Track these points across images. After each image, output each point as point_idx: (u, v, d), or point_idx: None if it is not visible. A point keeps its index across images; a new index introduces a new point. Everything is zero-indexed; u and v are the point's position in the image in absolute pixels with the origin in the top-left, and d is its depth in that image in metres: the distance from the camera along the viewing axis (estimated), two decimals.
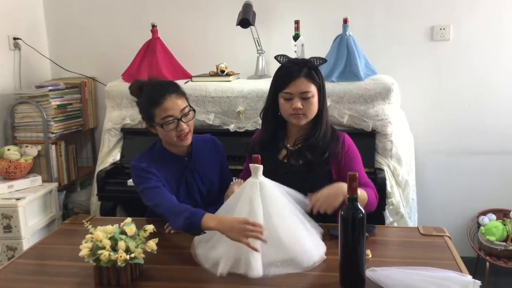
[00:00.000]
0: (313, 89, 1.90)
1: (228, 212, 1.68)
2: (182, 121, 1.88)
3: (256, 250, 1.54)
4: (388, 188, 2.61)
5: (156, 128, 1.92)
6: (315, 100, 1.91)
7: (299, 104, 1.87)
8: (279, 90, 1.92)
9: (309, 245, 1.63)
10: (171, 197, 1.86)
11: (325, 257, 1.63)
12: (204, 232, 1.70)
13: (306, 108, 1.89)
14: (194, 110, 1.95)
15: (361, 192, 1.76)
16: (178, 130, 1.88)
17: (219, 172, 2.11)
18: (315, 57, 1.98)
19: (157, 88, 1.91)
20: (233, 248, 1.57)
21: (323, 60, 1.97)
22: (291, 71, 1.90)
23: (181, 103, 1.90)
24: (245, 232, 1.54)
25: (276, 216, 1.62)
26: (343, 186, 1.69)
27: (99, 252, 1.45)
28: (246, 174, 1.94)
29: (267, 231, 1.58)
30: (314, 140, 1.92)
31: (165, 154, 1.99)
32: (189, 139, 1.94)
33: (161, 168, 1.93)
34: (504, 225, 3.01)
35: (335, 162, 1.94)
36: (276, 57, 2.02)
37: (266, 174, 1.68)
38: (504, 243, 2.95)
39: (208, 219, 1.65)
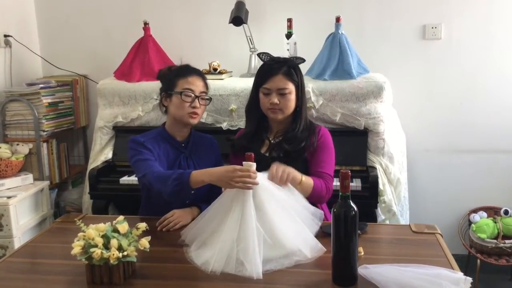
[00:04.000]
0: (290, 86, 2.02)
1: (221, 208, 1.68)
2: (198, 100, 2.04)
3: (250, 188, 1.62)
4: (380, 186, 2.62)
5: (171, 99, 2.05)
6: (292, 97, 2.03)
7: (275, 100, 2.00)
8: (260, 86, 2.05)
9: (304, 241, 1.64)
10: (160, 168, 1.94)
11: (323, 251, 1.63)
12: (193, 191, 1.80)
13: (282, 104, 2.01)
14: (210, 99, 2.13)
15: (306, 179, 1.91)
16: (192, 105, 2.03)
17: None
18: (295, 57, 2.13)
19: (189, 67, 2.13)
20: (227, 247, 1.57)
21: (302, 60, 2.12)
22: (271, 68, 2.04)
23: (203, 86, 2.09)
24: (234, 179, 1.64)
25: (271, 213, 1.63)
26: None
27: (92, 250, 1.44)
28: None
29: (262, 228, 1.59)
30: (293, 134, 2.04)
31: (164, 136, 2.10)
32: (196, 120, 2.07)
33: (157, 147, 2.05)
34: (495, 222, 3.04)
35: (309, 152, 2.05)
36: (258, 55, 2.15)
37: None
38: (495, 241, 2.97)
39: (197, 174, 1.78)
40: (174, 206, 1.96)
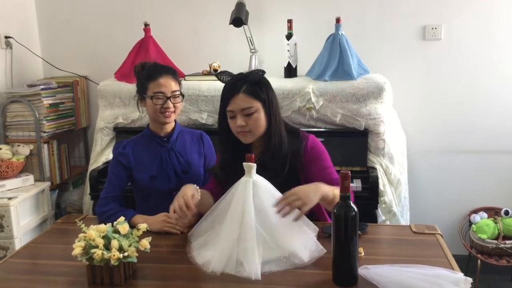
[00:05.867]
0: (255, 104, 1.81)
1: (222, 210, 1.68)
2: (170, 100, 2.05)
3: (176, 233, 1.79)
4: (381, 187, 2.62)
5: (145, 101, 2.10)
6: (259, 115, 1.82)
7: (240, 121, 1.80)
8: (225, 109, 1.86)
9: (304, 242, 1.64)
10: (115, 197, 2.06)
11: (323, 252, 1.63)
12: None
13: (251, 125, 1.81)
14: (183, 96, 2.13)
15: (337, 191, 1.56)
16: (164, 107, 2.05)
17: (202, 162, 2.18)
18: (256, 70, 1.96)
19: (157, 67, 2.13)
20: (227, 248, 1.57)
21: (262, 72, 1.92)
22: (232, 87, 1.84)
23: (174, 85, 2.08)
24: (163, 223, 1.86)
25: (271, 214, 1.62)
26: (322, 185, 1.69)
27: (92, 251, 1.44)
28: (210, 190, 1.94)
29: (262, 229, 1.59)
30: (265, 159, 1.84)
31: (148, 134, 2.16)
32: (171, 118, 2.10)
33: (139, 146, 2.13)
34: (495, 223, 3.04)
35: (302, 171, 1.88)
36: (217, 75, 1.99)
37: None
38: (495, 241, 2.97)
39: (137, 217, 1.94)
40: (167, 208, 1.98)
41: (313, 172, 1.87)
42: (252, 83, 1.83)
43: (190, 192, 1.77)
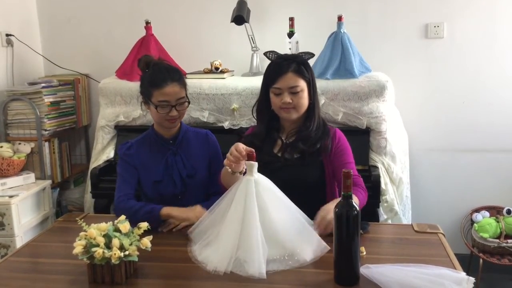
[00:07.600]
0: (302, 84, 1.96)
1: (223, 210, 1.67)
2: (176, 108, 1.99)
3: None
4: (382, 186, 2.61)
5: (149, 106, 2.03)
6: (304, 94, 1.97)
7: (288, 99, 1.94)
8: (270, 86, 1.98)
9: (307, 241, 1.63)
10: (132, 195, 2.01)
11: (326, 249, 1.62)
12: (163, 221, 1.87)
13: (295, 102, 1.95)
14: (189, 102, 2.06)
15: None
16: (170, 115, 1.99)
17: (206, 165, 2.12)
18: (304, 52, 2.06)
19: (162, 71, 2.01)
20: (230, 247, 1.57)
21: (311, 54, 2.05)
22: (280, 66, 1.97)
23: (179, 91, 2.00)
24: (196, 215, 1.82)
25: (273, 212, 1.62)
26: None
27: (93, 249, 1.44)
28: None
29: (264, 227, 1.58)
30: (307, 133, 1.99)
31: (153, 136, 2.11)
32: (176, 123, 2.06)
33: (144, 147, 2.08)
34: (497, 222, 3.03)
35: (325, 154, 2.00)
36: (265, 54, 2.10)
37: (262, 167, 1.69)
38: (497, 240, 2.96)
39: (166, 208, 1.90)
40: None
41: (335, 164, 1.98)
42: (299, 64, 1.97)
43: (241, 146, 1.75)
